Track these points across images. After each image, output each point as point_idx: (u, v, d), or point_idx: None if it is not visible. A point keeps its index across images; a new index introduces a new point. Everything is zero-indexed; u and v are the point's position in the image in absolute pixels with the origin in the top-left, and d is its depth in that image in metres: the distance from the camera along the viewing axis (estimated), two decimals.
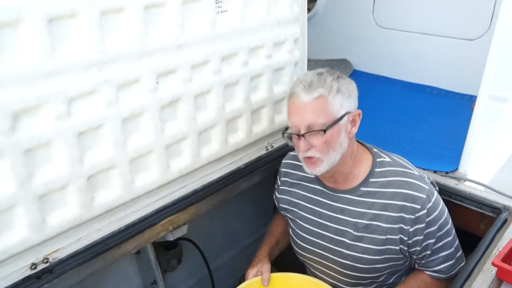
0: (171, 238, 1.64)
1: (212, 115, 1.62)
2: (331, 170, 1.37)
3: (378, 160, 1.44)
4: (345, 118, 1.33)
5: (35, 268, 1.25)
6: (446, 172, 1.81)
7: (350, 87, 1.37)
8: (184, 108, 1.50)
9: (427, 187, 1.35)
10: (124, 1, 1.23)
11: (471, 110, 1.70)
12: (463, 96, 2.63)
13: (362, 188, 1.41)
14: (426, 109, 2.51)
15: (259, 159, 1.92)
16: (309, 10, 2.43)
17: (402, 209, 1.34)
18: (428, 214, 1.33)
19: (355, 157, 1.42)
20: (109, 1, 1.20)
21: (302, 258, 1.66)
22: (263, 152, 1.95)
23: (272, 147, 1.98)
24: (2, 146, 1.08)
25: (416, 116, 2.41)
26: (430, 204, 1.33)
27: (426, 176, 1.45)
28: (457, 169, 1.81)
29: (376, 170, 1.41)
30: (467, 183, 1.74)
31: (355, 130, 1.37)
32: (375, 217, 1.38)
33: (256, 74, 1.74)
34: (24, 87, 1.08)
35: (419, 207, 1.32)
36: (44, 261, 1.27)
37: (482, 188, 1.72)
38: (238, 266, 2.82)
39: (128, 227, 1.47)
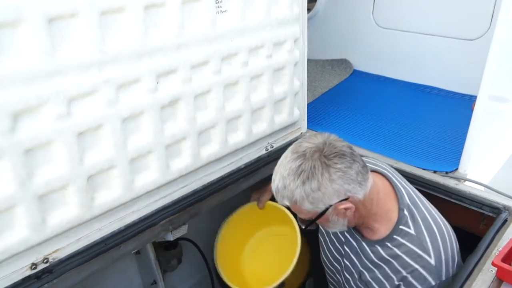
0: (171, 238, 1.64)
1: (212, 115, 1.62)
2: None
3: (400, 227, 1.33)
4: (330, 210, 1.25)
5: (35, 268, 1.25)
6: (446, 172, 1.81)
7: (321, 184, 1.21)
8: (184, 108, 1.50)
9: (433, 283, 1.28)
10: (124, 1, 1.23)
11: (471, 110, 1.70)
12: (463, 96, 2.63)
13: (377, 246, 1.36)
14: (426, 109, 2.51)
15: (259, 159, 1.92)
16: (309, 10, 2.43)
17: (393, 284, 1.33)
18: None
19: (375, 213, 1.35)
20: (109, 1, 1.20)
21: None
22: (263, 152, 1.95)
23: (272, 147, 1.98)
24: (2, 146, 1.08)
25: (416, 116, 2.41)
26: None
27: (448, 269, 1.31)
28: (457, 169, 1.81)
29: (395, 236, 1.33)
30: (467, 183, 1.74)
31: (350, 212, 1.29)
32: (374, 278, 1.39)
33: (256, 74, 1.74)
34: (24, 87, 1.08)
35: None
36: (44, 261, 1.27)
37: (482, 188, 1.72)
38: None
39: (128, 227, 1.47)
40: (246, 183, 1.88)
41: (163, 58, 1.37)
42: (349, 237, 1.48)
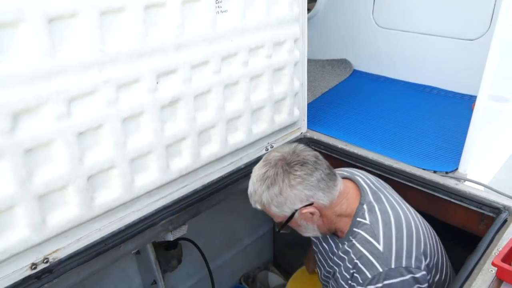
0: (171, 238, 1.64)
1: (212, 115, 1.62)
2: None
3: (357, 219, 1.40)
4: (297, 214, 1.36)
5: (35, 268, 1.25)
6: (446, 172, 1.81)
7: (281, 189, 1.33)
8: (184, 108, 1.50)
9: (380, 270, 1.29)
10: (124, 1, 1.23)
11: (471, 110, 1.70)
12: (463, 96, 2.63)
13: (345, 242, 1.42)
14: (426, 109, 2.51)
15: (259, 159, 1.91)
16: (309, 10, 2.43)
17: (352, 276, 1.38)
18: None
19: (345, 216, 1.43)
20: (109, 1, 1.20)
21: None
22: (263, 152, 1.95)
23: (272, 147, 1.98)
24: (2, 146, 1.08)
25: (416, 116, 2.41)
26: (377, 285, 1.29)
27: (399, 259, 1.31)
28: (457, 169, 1.81)
29: (354, 229, 1.40)
30: (467, 183, 1.74)
31: (317, 218, 1.39)
32: (340, 273, 1.45)
33: (256, 74, 1.74)
34: (24, 87, 1.08)
35: (361, 282, 1.33)
36: (44, 261, 1.27)
37: (482, 188, 1.72)
38: (238, 266, 2.84)
39: (128, 227, 1.47)
40: (246, 183, 1.87)
41: (163, 58, 1.38)
42: (331, 243, 1.52)
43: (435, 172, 1.82)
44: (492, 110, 1.86)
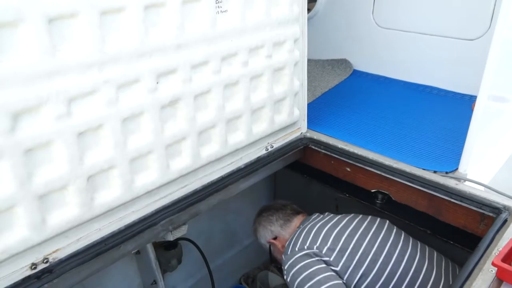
0: (171, 238, 1.64)
1: (212, 115, 1.62)
2: None
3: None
4: (271, 247, 2.09)
5: (35, 268, 1.25)
6: (446, 172, 1.81)
7: (257, 229, 2.13)
8: (184, 108, 1.50)
9: (283, 259, 1.78)
10: (124, 1, 1.23)
11: (471, 110, 1.70)
12: (463, 96, 2.63)
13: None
14: (426, 109, 2.51)
15: (259, 159, 1.92)
16: (309, 10, 2.43)
17: None
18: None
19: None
20: (109, 1, 1.20)
21: None
22: (263, 152, 1.95)
23: (272, 147, 1.98)
24: (2, 146, 1.08)
25: (416, 116, 2.41)
26: (284, 268, 1.74)
27: (296, 245, 1.77)
28: (457, 169, 1.81)
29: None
30: (467, 183, 1.74)
31: (280, 245, 2.01)
32: None
33: (256, 74, 1.74)
34: (24, 87, 1.08)
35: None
36: (44, 261, 1.27)
37: (482, 188, 1.72)
38: (238, 266, 2.84)
39: (128, 227, 1.47)
40: (246, 183, 1.88)
41: (163, 58, 1.38)
42: None
43: (435, 172, 1.82)
44: (492, 110, 1.86)
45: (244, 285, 2.82)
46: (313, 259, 1.66)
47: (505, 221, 1.54)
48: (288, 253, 1.75)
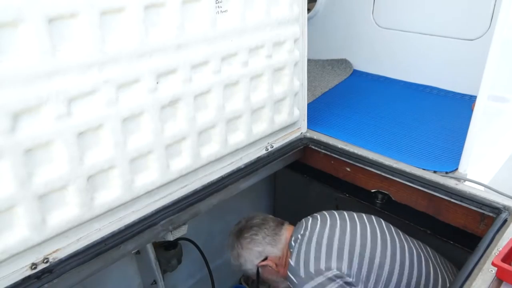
0: (171, 238, 1.64)
1: (212, 115, 1.62)
2: None
3: (289, 259, 1.64)
4: (260, 270, 1.78)
5: (35, 268, 1.25)
6: (446, 172, 1.81)
7: (241, 254, 1.80)
8: (184, 108, 1.50)
9: (295, 282, 1.55)
10: (124, 1, 1.23)
11: (471, 110, 1.70)
12: (463, 96, 2.63)
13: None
14: (426, 109, 2.51)
15: (259, 159, 1.92)
16: (309, 10, 2.43)
17: None
18: None
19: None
20: (109, 1, 1.20)
21: None
22: (263, 152, 1.95)
23: (272, 147, 1.98)
24: (2, 146, 1.08)
25: (416, 116, 2.41)
26: None
27: (309, 265, 1.55)
28: (457, 169, 1.81)
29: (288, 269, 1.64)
30: (467, 183, 1.74)
31: (276, 268, 1.75)
32: None
33: (256, 74, 1.74)
34: (24, 87, 1.08)
35: None
36: (44, 261, 1.27)
37: (482, 188, 1.72)
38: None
39: (128, 227, 1.47)
40: (246, 183, 1.88)
41: (163, 58, 1.38)
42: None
43: (435, 172, 1.82)
44: (492, 110, 1.86)
45: (244, 285, 2.82)
46: (337, 284, 1.49)
47: (505, 221, 1.54)
48: (302, 275, 1.53)
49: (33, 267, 1.25)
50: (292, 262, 1.59)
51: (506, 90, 2.07)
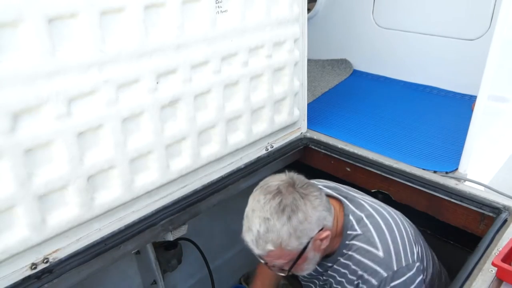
0: (171, 238, 1.64)
1: (212, 115, 1.62)
2: None
3: (348, 232, 1.37)
4: (310, 244, 1.23)
5: (35, 268, 1.25)
6: (446, 172, 1.81)
7: (306, 214, 1.20)
8: (184, 108, 1.50)
9: (385, 275, 1.29)
10: (124, 1, 1.23)
11: (471, 110, 1.70)
12: (463, 96, 2.63)
13: (338, 257, 1.40)
14: (426, 109, 2.51)
15: (259, 159, 1.92)
16: (309, 10, 2.43)
17: (353, 284, 1.36)
18: None
19: (335, 233, 1.37)
20: (109, 1, 1.20)
21: None
22: (263, 152, 1.95)
23: (272, 147, 1.98)
24: (2, 146, 1.08)
25: (416, 116, 2.41)
26: None
27: (399, 259, 1.32)
28: (457, 169, 1.81)
29: (346, 242, 1.37)
30: (467, 183, 1.74)
31: (327, 242, 1.30)
32: (340, 283, 1.41)
33: (256, 74, 1.74)
34: (24, 87, 1.08)
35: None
36: (44, 261, 1.27)
37: (482, 188, 1.72)
38: (238, 266, 2.84)
39: (128, 227, 1.47)
40: (246, 183, 1.88)
41: (163, 58, 1.38)
42: (317, 267, 1.44)
43: (435, 172, 1.82)
44: (492, 110, 1.86)
45: (244, 285, 2.82)
46: (422, 277, 1.34)
47: (505, 221, 1.54)
48: (393, 266, 1.29)
49: (33, 267, 1.25)
50: (372, 248, 1.31)
51: (506, 90, 2.07)
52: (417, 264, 1.34)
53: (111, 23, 1.23)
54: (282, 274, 1.35)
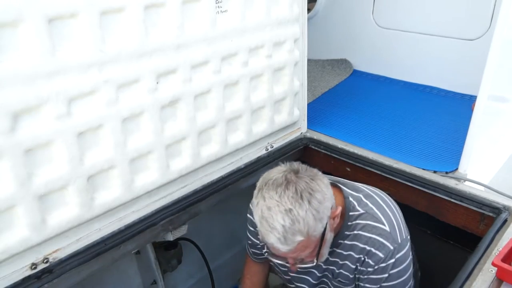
0: (171, 238, 1.64)
1: (212, 115, 1.62)
2: None
3: (350, 213, 1.39)
4: (327, 225, 1.23)
5: (35, 268, 1.25)
6: (446, 172, 1.81)
7: (323, 193, 1.20)
8: (184, 108, 1.50)
9: (391, 248, 1.33)
10: (124, 1, 1.23)
11: (471, 110, 1.70)
12: (463, 96, 2.63)
13: (340, 241, 1.40)
14: (426, 109, 2.51)
15: (259, 159, 1.92)
16: (309, 10, 2.43)
17: (362, 262, 1.38)
18: (383, 271, 1.35)
19: (337, 215, 1.35)
20: (109, 1, 1.20)
21: None
22: (263, 152, 1.95)
23: (272, 147, 1.98)
24: (2, 146, 1.08)
25: (416, 116, 2.41)
26: (389, 262, 1.34)
27: (400, 232, 1.37)
28: (457, 169, 1.81)
29: (349, 223, 1.39)
30: (467, 183, 1.74)
31: (337, 220, 1.32)
32: (342, 266, 1.44)
33: (256, 74, 1.74)
34: (24, 87, 1.08)
35: (372, 264, 1.35)
36: (44, 261, 1.27)
37: (482, 188, 1.72)
38: (238, 266, 2.83)
39: (128, 227, 1.47)
40: (246, 183, 1.88)
41: (163, 58, 1.38)
42: None
43: (435, 172, 1.82)
44: (492, 110, 1.86)
45: None
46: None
47: (505, 221, 1.54)
48: (397, 239, 1.34)
49: (33, 267, 1.25)
50: (379, 224, 1.35)
51: (506, 90, 2.07)
52: (409, 237, 1.41)
53: (111, 23, 1.23)
54: (311, 264, 1.32)
